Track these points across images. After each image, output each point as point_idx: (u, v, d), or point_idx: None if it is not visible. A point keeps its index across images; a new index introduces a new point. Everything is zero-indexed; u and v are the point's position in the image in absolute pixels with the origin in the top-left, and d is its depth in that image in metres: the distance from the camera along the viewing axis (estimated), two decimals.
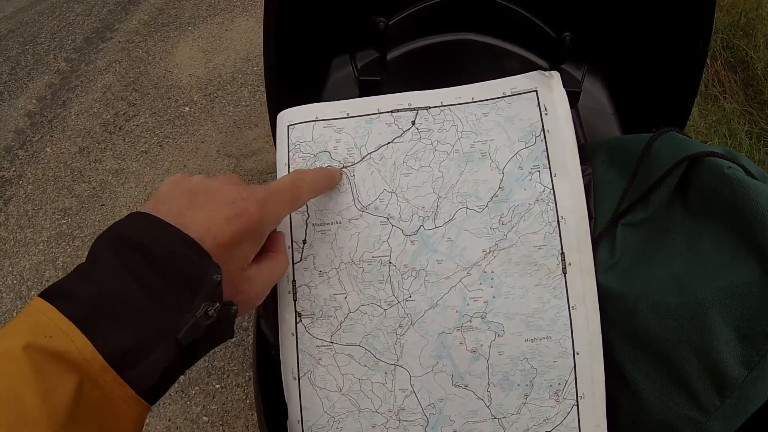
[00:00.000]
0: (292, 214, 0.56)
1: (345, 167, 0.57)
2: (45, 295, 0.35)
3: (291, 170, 0.57)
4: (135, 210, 0.41)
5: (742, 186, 0.46)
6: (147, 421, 1.53)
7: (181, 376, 1.60)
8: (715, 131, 2.01)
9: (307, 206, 0.56)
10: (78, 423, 0.32)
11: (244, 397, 1.56)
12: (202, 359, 1.63)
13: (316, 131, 0.58)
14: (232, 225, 0.41)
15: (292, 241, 0.56)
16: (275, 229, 0.49)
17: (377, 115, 0.58)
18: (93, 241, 0.39)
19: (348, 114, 0.58)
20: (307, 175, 0.51)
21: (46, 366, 0.32)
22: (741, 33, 2.28)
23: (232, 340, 1.65)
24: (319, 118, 0.58)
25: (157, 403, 1.56)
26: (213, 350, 1.64)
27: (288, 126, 0.59)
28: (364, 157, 0.57)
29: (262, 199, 0.43)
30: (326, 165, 0.57)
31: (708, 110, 2.12)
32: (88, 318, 0.34)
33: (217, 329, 0.40)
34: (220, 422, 1.52)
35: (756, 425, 0.49)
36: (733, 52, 2.26)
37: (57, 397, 0.32)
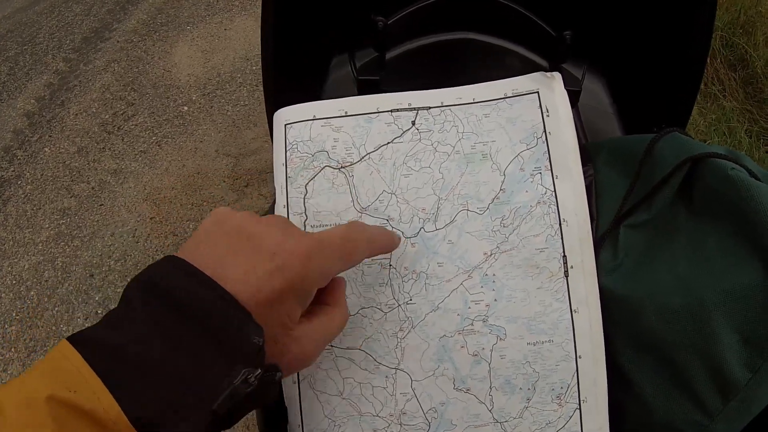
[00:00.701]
0: (290, 216, 0.55)
1: (344, 167, 0.56)
2: (73, 340, 0.33)
3: (288, 170, 0.57)
4: (168, 254, 0.38)
5: (746, 188, 0.45)
6: None
7: None
8: (714, 129, 2.01)
9: (305, 207, 0.55)
10: None
11: None
12: None
13: (313, 130, 0.57)
14: (273, 280, 0.37)
15: None
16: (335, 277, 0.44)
17: (377, 115, 0.57)
18: (127, 283, 0.36)
19: (347, 112, 0.58)
20: (364, 230, 0.46)
21: (69, 421, 0.30)
22: (740, 31, 2.28)
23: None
24: (317, 117, 0.58)
25: None
26: None
27: (285, 125, 0.58)
28: (363, 157, 0.56)
29: (305, 253, 0.39)
30: (324, 165, 0.56)
31: (707, 109, 2.12)
32: (115, 373, 0.32)
33: (258, 396, 0.36)
34: None
35: (759, 428, 0.48)
36: (732, 50, 2.26)
37: None
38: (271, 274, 0.37)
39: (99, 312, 1.78)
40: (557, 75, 0.57)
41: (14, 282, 1.88)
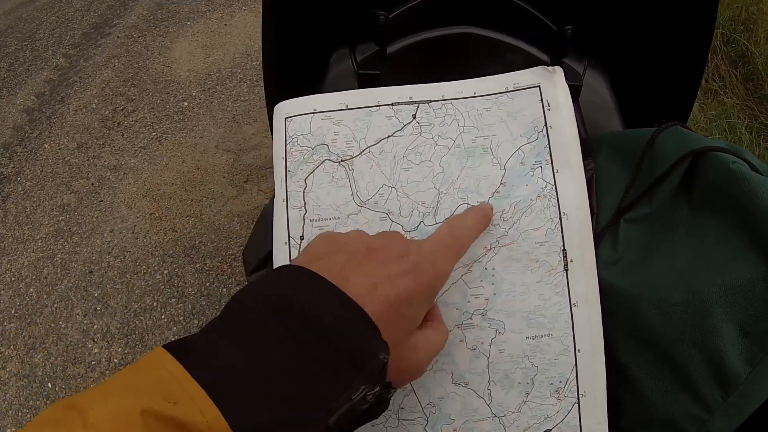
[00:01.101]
0: (289, 209, 0.55)
1: (344, 161, 0.56)
2: (174, 350, 0.31)
3: (288, 164, 0.56)
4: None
5: (748, 181, 0.45)
6: None
7: None
8: (715, 126, 2.01)
9: (304, 201, 0.55)
10: None
11: None
12: None
13: (314, 123, 0.57)
14: (403, 281, 0.36)
15: (289, 237, 0.55)
16: None
17: (377, 108, 0.57)
18: (234, 294, 0.34)
19: (347, 106, 0.57)
20: (464, 222, 0.47)
21: None
22: (741, 27, 2.28)
23: None
24: (317, 110, 0.58)
25: None
26: None
27: (285, 118, 0.58)
28: (363, 151, 0.56)
29: (432, 253, 0.39)
30: (324, 159, 0.56)
31: (708, 105, 2.11)
32: (223, 387, 0.29)
33: (370, 414, 0.34)
34: None
35: (759, 422, 0.48)
36: (733, 47, 2.26)
37: None
38: (401, 275, 0.36)
39: (98, 309, 1.78)
40: (558, 69, 0.57)
41: (13, 279, 1.88)
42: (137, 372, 0.30)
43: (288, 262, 0.54)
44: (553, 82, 0.56)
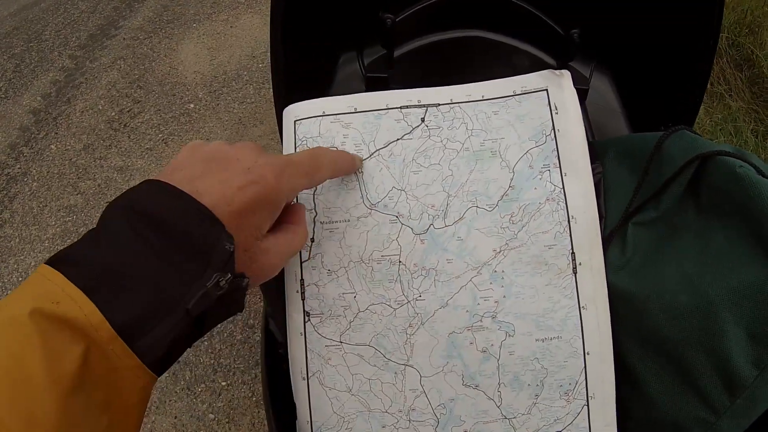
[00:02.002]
0: None
1: None
2: (52, 262, 0.35)
3: None
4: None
5: (754, 185, 0.46)
6: (152, 418, 1.53)
7: (187, 373, 1.60)
8: (720, 129, 2.01)
9: (314, 204, 0.56)
10: (83, 391, 0.32)
11: (250, 395, 1.56)
12: (208, 357, 1.63)
13: (323, 126, 0.58)
14: (246, 192, 0.40)
15: None
16: (296, 201, 0.47)
17: (386, 111, 0.57)
18: (105, 206, 0.38)
19: (356, 109, 0.58)
20: (327, 152, 0.50)
21: (53, 332, 0.32)
22: (747, 31, 2.28)
23: (238, 337, 1.66)
24: (327, 113, 0.58)
25: (163, 400, 1.56)
26: (219, 348, 1.64)
27: (295, 121, 0.58)
28: (372, 154, 0.56)
29: (279, 168, 0.42)
30: None
31: (714, 108, 2.11)
32: (96, 286, 0.34)
33: (227, 301, 0.39)
34: (226, 420, 1.52)
35: (766, 426, 0.48)
36: (738, 50, 2.26)
37: (63, 364, 0.31)
38: (244, 186, 0.40)
39: None
40: (566, 72, 0.57)
41: (20, 279, 1.88)
42: (25, 285, 0.34)
43: (298, 264, 0.55)
44: (560, 85, 0.57)
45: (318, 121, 0.58)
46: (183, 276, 0.36)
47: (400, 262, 0.54)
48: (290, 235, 0.46)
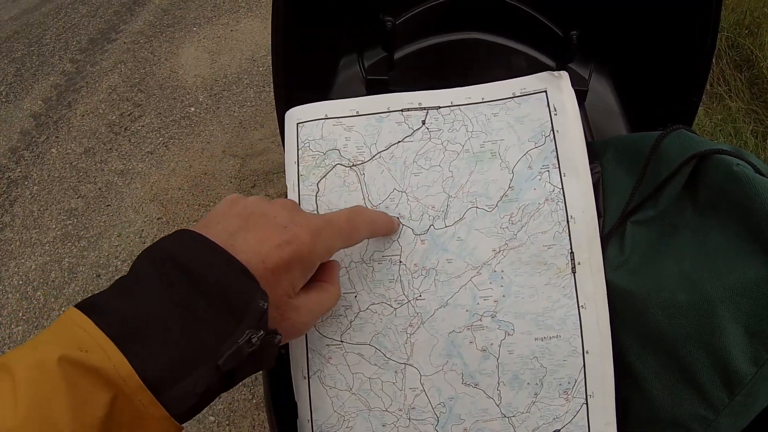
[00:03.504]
0: None
1: (355, 165, 0.57)
2: (82, 307, 0.34)
3: (300, 168, 0.57)
4: (183, 228, 0.41)
5: (751, 183, 0.46)
6: None
7: None
8: (720, 130, 2.01)
9: (317, 205, 0.56)
10: None
11: (250, 397, 1.56)
12: None
13: (325, 129, 0.58)
14: (282, 251, 0.40)
15: None
16: (330, 259, 0.47)
17: (387, 114, 0.58)
18: (138, 255, 0.38)
19: (358, 112, 0.58)
20: (365, 212, 0.50)
21: (80, 380, 0.32)
22: (746, 31, 2.28)
23: None
24: (329, 116, 0.58)
25: None
26: None
27: (297, 124, 0.59)
28: (374, 156, 0.57)
29: (315, 228, 0.43)
30: (335, 163, 0.57)
31: (713, 109, 2.12)
32: (126, 336, 0.34)
33: (258, 357, 0.38)
34: (227, 422, 1.52)
35: (765, 422, 0.49)
36: (738, 51, 2.26)
37: (90, 411, 0.31)
38: (281, 245, 0.40)
39: None
40: (565, 74, 0.58)
41: (21, 282, 1.89)
42: (53, 330, 0.34)
43: None
44: (559, 87, 0.57)
45: (320, 124, 0.58)
46: (215, 331, 0.36)
47: (400, 262, 0.54)
48: (323, 294, 0.46)
